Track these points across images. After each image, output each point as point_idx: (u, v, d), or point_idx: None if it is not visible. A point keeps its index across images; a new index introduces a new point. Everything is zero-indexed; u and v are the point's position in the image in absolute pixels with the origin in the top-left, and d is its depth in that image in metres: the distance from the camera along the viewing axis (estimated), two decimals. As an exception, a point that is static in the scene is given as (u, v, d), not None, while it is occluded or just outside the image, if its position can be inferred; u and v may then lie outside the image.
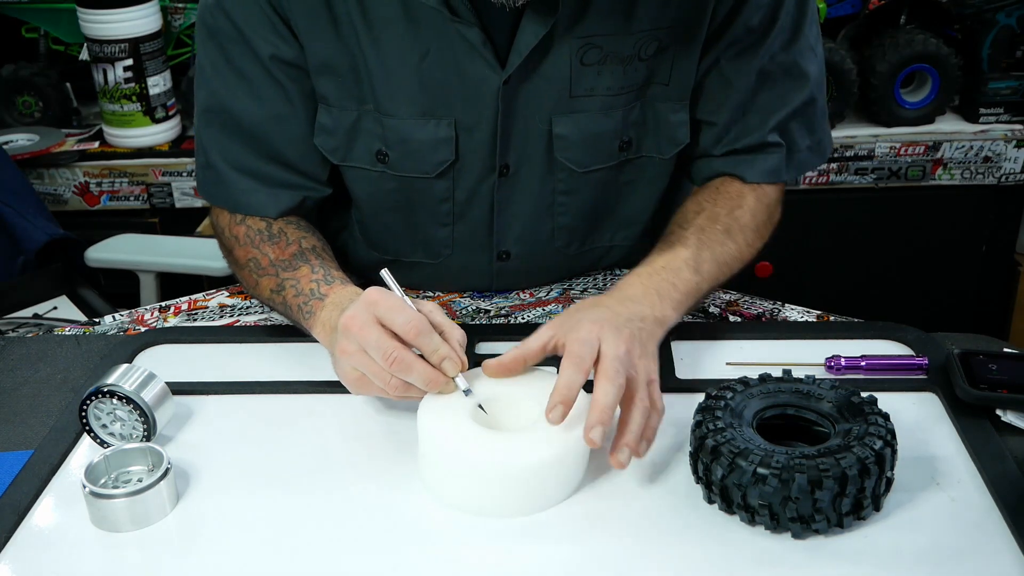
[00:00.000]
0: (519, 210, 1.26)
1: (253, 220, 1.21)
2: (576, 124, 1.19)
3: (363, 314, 0.97)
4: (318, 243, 1.21)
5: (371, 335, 0.95)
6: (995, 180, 2.34)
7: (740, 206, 1.21)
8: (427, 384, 0.96)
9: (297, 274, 1.14)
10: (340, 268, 1.17)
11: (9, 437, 1.07)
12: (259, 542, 0.91)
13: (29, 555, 0.91)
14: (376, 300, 0.97)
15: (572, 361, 0.95)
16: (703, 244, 1.15)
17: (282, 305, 1.15)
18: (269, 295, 1.17)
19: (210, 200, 1.25)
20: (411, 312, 0.97)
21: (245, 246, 1.20)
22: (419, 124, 1.18)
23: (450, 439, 0.94)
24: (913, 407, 1.06)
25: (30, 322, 1.79)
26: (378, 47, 1.14)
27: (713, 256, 1.15)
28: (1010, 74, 2.30)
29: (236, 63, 1.17)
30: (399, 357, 0.95)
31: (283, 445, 1.03)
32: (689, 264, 1.12)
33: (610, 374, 0.94)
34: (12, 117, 2.40)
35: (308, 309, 1.10)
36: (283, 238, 1.19)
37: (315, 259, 1.16)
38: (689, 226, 1.18)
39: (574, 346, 0.96)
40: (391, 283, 1.01)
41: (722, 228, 1.18)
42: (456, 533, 0.92)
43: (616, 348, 0.96)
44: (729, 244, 1.18)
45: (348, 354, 0.98)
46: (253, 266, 1.19)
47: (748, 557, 0.88)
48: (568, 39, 1.13)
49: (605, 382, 0.94)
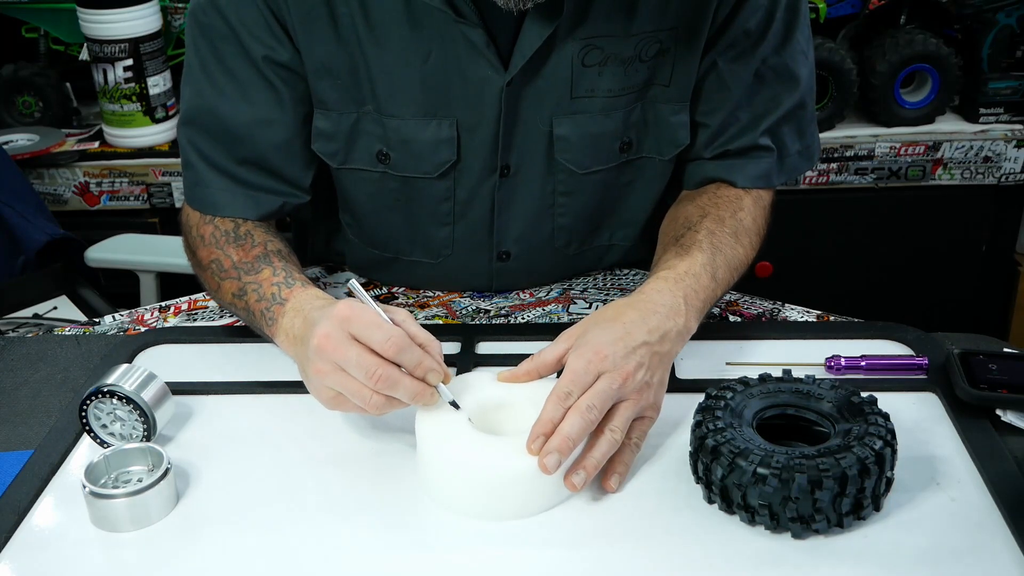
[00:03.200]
0: (519, 210, 1.26)
1: (221, 220, 1.19)
2: (577, 125, 1.19)
3: (337, 332, 0.94)
4: (283, 247, 1.18)
5: (350, 354, 0.93)
6: (995, 180, 2.34)
7: (741, 208, 1.21)
8: (413, 398, 0.94)
9: (259, 277, 1.12)
10: (303, 271, 1.15)
11: (9, 437, 1.07)
12: (259, 542, 0.91)
13: (29, 555, 0.91)
14: (349, 316, 0.94)
15: (558, 396, 0.93)
16: (716, 249, 1.13)
17: (244, 311, 1.13)
18: (231, 299, 1.15)
19: (189, 201, 1.23)
20: (388, 327, 0.94)
21: (209, 246, 1.18)
22: (421, 125, 1.18)
23: (448, 444, 0.94)
24: (913, 407, 1.06)
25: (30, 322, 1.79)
26: (380, 48, 1.14)
27: (726, 261, 1.14)
28: (1010, 74, 2.30)
29: (227, 63, 1.16)
30: (383, 375, 0.92)
31: (283, 445, 1.03)
32: (707, 270, 1.10)
33: (582, 408, 0.92)
34: (12, 117, 2.39)
35: (270, 316, 1.08)
36: (248, 240, 1.17)
37: (278, 261, 1.14)
38: (700, 229, 1.16)
39: (566, 378, 0.94)
40: (362, 295, 0.98)
41: (730, 231, 1.17)
42: (456, 534, 0.92)
43: (609, 384, 0.94)
44: (738, 248, 1.17)
45: (324, 374, 0.95)
46: (215, 268, 1.16)
47: (748, 557, 0.88)
48: (570, 41, 1.13)
49: (574, 414, 0.92)
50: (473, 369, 1.13)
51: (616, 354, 0.96)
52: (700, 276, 1.09)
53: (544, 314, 1.28)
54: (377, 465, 1.00)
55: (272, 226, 1.22)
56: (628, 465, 0.97)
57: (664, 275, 1.08)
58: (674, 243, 1.15)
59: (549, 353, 1.00)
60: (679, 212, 1.22)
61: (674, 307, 1.03)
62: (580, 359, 0.95)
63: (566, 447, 0.91)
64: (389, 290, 1.35)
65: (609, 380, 0.94)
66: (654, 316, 1.01)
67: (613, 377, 0.95)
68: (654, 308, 1.02)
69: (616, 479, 0.95)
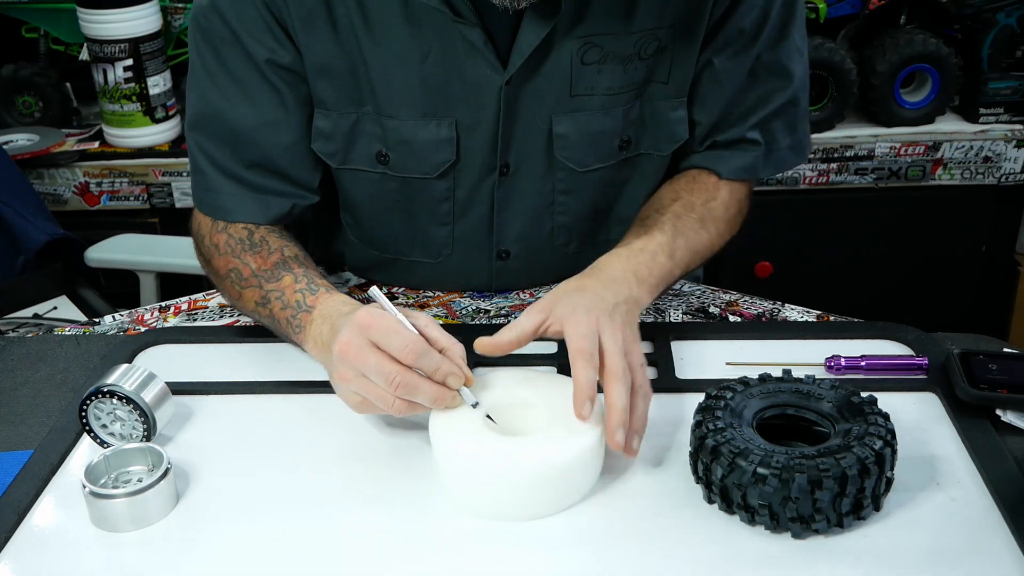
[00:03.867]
0: (519, 209, 1.26)
1: (235, 228, 1.19)
2: (576, 123, 1.19)
3: (357, 339, 0.95)
4: (300, 252, 1.18)
5: (369, 361, 0.94)
6: (995, 180, 2.34)
7: (714, 198, 1.23)
8: (434, 402, 0.95)
9: (280, 285, 1.12)
10: (324, 275, 1.16)
11: (9, 437, 1.07)
12: (259, 542, 0.91)
13: (29, 555, 0.91)
14: (369, 324, 0.95)
15: (583, 358, 0.96)
16: (678, 231, 1.17)
17: (269, 318, 1.13)
18: (254, 307, 1.15)
19: (199, 206, 1.23)
20: (407, 334, 0.94)
21: (225, 255, 1.18)
22: (420, 125, 1.18)
23: (464, 446, 0.94)
24: (913, 407, 1.06)
25: (30, 322, 1.79)
26: (379, 48, 1.14)
27: (687, 243, 1.17)
28: (1010, 74, 2.30)
29: (230, 66, 1.16)
30: (403, 381, 0.93)
31: (283, 445, 1.03)
32: (664, 249, 1.14)
33: (618, 373, 0.95)
34: (12, 117, 2.39)
35: (297, 323, 1.09)
36: (264, 247, 1.17)
37: (298, 267, 1.14)
38: (666, 212, 1.20)
39: (579, 342, 0.97)
40: (383, 301, 0.98)
41: (697, 217, 1.20)
42: (455, 535, 0.92)
43: (615, 341, 0.97)
44: (703, 233, 1.20)
45: (347, 380, 0.97)
46: (235, 277, 1.17)
47: (748, 557, 0.88)
48: (569, 39, 1.13)
49: (616, 383, 0.95)
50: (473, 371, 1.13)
51: (603, 313, 1.00)
52: (656, 254, 1.13)
53: (544, 314, 1.28)
54: (379, 465, 1.00)
55: (286, 232, 1.22)
56: (645, 420, 0.98)
57: (618, 251, 1.13)
58: (639, 223, 1.20)
59: (528, 322, 1.01)
60: (655, 195, 1.25)
61: (625, 278, 1.08)
62: (576, 325, 0.98)
63: (626, 417, 0.94)
64: (389, 290, 1.35)
65: (612, 336, 0.98)
66: (611, 284, 1.06)
67: (613, 333, 0.98)
68: (609, 277, 1.08)
69: (637, 440, 0.96)
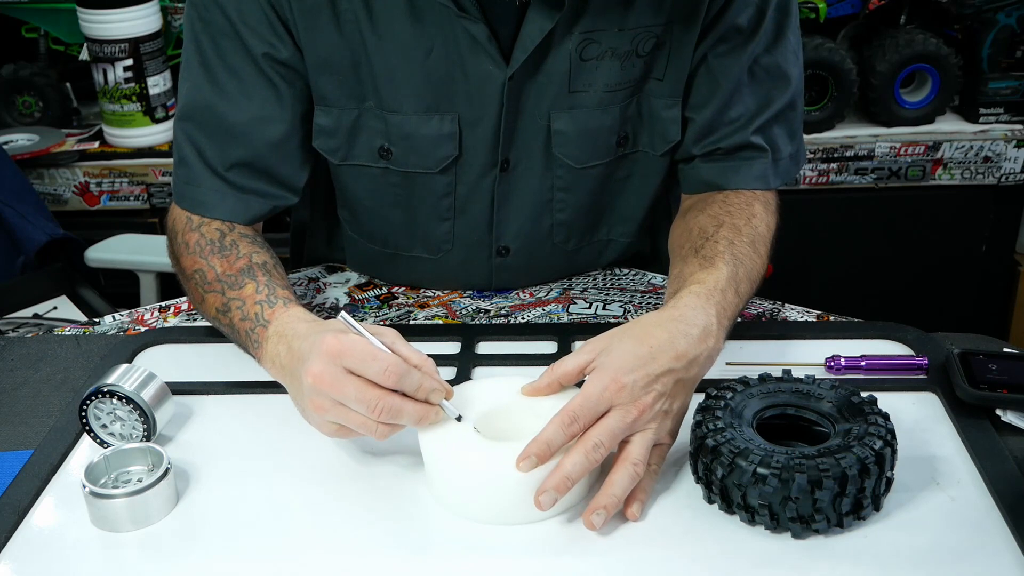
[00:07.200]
0: (518, 205, 1.26)
1: (208, 228, 1.16)
2: (574, 120, 1.19)
3: (331, 368, 0.91)
4: (269, 259, 1.14)
5: (347, 390, 0.91)
6: (995, 180, 2.34)
7: (754, 215, 1.18)
8: (419, 422, 0.93)
9: (243, 293, 1.08)
10: (289, 285, 1.12)
11: (9, 437, 1.07)
12: (259, 542, 0.91)
13: (29, 555, 0.91)
14: (341, 350, 0.91)
15: (563, 420, 0.90)
16: (739, 261, 1.10)
17: (229, 327, 1.10)
18: (215, 314, 1.12)
19: (178, 200, 1.20)
20: (384, 356, 0.91)
21: (193, 255, 1.15)
22: (423, 120, 1.18)
23: (452, 451, 0.93)
24: (913, 407, 1.06)
25: (30, 322, 1.79)
26: (382, 43, 1.14)
27: (747, 274, 1.10)
28: (1010, 74, 2.30)
29: (227, 59, 1.15)
30: (386, 406, 0.90)
31: (283, 445, 1.03)
32: (732, 284, 1.07)
33: (588, 446, 0.90)
34: (12, 117, 2.40)
35: (255, 338, 1.05)
36: (234, 251, 1.13)
37: (262, 275, 1.10)
38: (719, 239, 1.12)
39: (577, 401, 0.91)
40: (351, 322, 0.95)
41: (748, 241, 1.13)
42: (455, 536, 0.92)
43: (621, 419, 0.91)
44: (756, 259, 1.13)
45: (324, 410, 0.93)
46: (199, 279, 1.13)
47: (748, 557, 0.88)
48: (569, 34, 1.13)
49: (579, 452, 0.89)
50: (473, 371, 1.13)
51: (636, 384, 0.92)
52: (726, 292, 1.05)
53: (544, 314, 1.28)
54: (379, 465, 1.00)
55: (259, 234, 1.20)
56: (648, 492, 0.93)
57: (695, 289, 1.03)
58: (694, 254, 1.11)
59: (571, 363, 0.96)
60: (691, 223, 1.18)
61: (707, 328, 0.99)
62: (597, 384, 0.92)
63: (564, 487, 0.88)
64: (389, 290, 1.35)
65: (622, 415, 0.91)
66: (683, 340, 0.96)
67: (627, 411, 0.91)
68: (686, 330, 0.97)
69: (637, 507, 0.92)
